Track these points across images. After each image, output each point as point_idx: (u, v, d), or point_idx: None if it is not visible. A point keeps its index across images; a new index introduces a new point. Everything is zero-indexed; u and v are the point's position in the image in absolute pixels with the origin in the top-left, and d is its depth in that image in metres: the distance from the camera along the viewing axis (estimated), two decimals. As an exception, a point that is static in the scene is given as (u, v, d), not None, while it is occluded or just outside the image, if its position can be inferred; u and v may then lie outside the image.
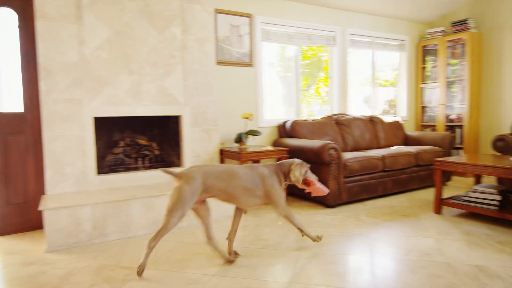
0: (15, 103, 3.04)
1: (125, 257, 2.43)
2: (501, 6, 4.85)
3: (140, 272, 2.08)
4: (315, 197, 3.68)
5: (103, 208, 2.74)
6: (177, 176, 2.11)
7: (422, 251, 2.41)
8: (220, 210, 3.27)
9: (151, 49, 3.29)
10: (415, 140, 4.85)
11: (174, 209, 2.06)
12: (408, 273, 2.10)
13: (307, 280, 2.03)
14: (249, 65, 4.08)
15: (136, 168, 3.45)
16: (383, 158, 3.86)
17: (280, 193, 2.34)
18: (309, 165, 2.47)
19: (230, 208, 3.26)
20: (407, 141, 4.97)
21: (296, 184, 2.37)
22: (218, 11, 3.84)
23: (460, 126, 5.15)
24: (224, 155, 3.73)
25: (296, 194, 4.09)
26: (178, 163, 3.58)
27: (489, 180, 4.57)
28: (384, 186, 3.92)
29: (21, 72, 3.01)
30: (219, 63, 3.89)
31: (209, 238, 2.28)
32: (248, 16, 4.03)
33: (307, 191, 2.46)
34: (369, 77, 5.36)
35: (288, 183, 2.42)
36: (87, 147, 3.05)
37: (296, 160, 2.41)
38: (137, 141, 3.58)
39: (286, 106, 4.66)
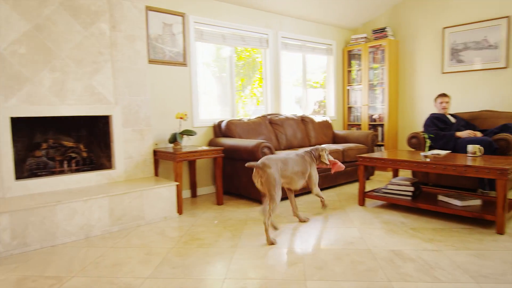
0: None
1: (49, 266, 2.27)
2: (414, 17, 5.40)
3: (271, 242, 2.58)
4: (252, 194, 3.78)
5: (24, 216, 2.54)
6: (259, 166, 2.64)
7: (347, 240, 2.61)
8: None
9: (76, 45, 3.12)
10: (343, 138, 5.20)
11: (276, 188, 2.60)
12: (333, 260, 2.26)
13: (241, 275, 2.09)
14: (183, 64, 4.05)
15: (61, 172, 3.24)
16: (313, 156, 4.08)
17: (317, 175, 3.07)
18: (329, 149, 3.82)
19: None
20: (335, 139, 5.30)
21: (324, 164, 3.05)
22: (150, 9, 3.75)
23: (382, 125, 5.63)
24: (158, 155, 3.65)
25: (231, 193, 4.15)
26: (108, 165, 3.43)
27: (406, 173, 5.07)
28: (315, 182, 4.15)
29: None
30: (152, 61, 3.80)
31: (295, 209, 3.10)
32: (181, 15, 3.99)
33: (331, 168, 3.16)
34: (301, 79, 5.62)
35: (318, 164, 3.08)
36: (3, 150, 2.79)
37: (321, 147, 3.10)
38: (62, 143, 3.35)
39: (222, 106, 4.70)
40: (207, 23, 4.26)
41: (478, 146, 3.32)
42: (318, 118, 5.23)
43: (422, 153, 3.30)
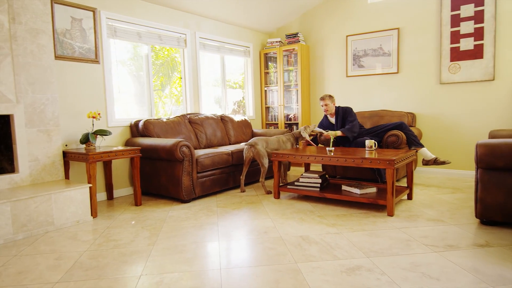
0: None
1: None
2: (322, 24, 5.89)
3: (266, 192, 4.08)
4: (172, 193, 3.78)
5: None
6: (251, 144, 4.02)
7: (261, 231, 2.80)
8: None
9: (-33, 37, 2.81)
10: (261, 136, 5.45)
11: (264, 158, 4.01)
12: (248, 249, 2.42)
13: (158, 270, 2.13)
14: (95, 61, 3.88)
15: (-50, 178, 2.89)
16: (232, 154, 4.23)
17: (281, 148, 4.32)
18: (314, 124, 4.69)
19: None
20: (254, 137, 5.53)
21: (307, 139, 4.25)
22: (56, 1, 3.53)
23: (297, 124, 6.03)
24: (68, 157, 3.46)
25: (151, 193, 4.10)
26: (10, 169, 3.16)
27: (318, 167, 5.51)
28: (234, 178, 4.31)
29: None
30: (59, 58, 3.58)
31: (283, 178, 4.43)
32: (92, 10, 3.82)
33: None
34: (220, 80, 5.74)
35: (302, 142, 4.46)
36: None
37: (303, 127, 4.29)
38: (-49, 146, 3.00)
39: (139, 105, 4.59)
40: (121, 20, 4.14)
41: (373, 141, 3.79)
42: (237, 118, 5.41)
43: (328, 148, 3.66)
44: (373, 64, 5.43)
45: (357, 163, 3.24)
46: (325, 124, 4.57)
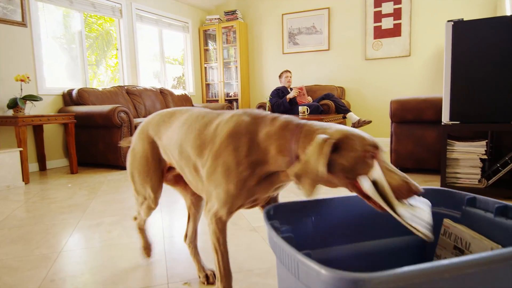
0: None
1: None
2: (259, 2, 6.07)
3: None
4: (110, 161, 3.74)
5: None
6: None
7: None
8: None
9: None
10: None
11: None
12: (188, 197, 2.54)
13: (98, 215, 2.17)
14: (22, 24, 3.66)
15: None
16: (172, 123, 4.27)
17: None
18: None
19: (7, 178, 2.92)
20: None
21: None
22: (-27, -44, 3.26)
23: (236, 100, 6.19)
24: (-6, 123, 3.26)
25: (88, 163, 4.00)
26: None
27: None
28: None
29: None
30: (-21, 17, 3.33)
31: None
32: (16, -31, 3.59)
33: None
34: (158, 54, 5.69)
35: None
36: None
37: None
38: None
39: (71, 79, 4.40)
40: (50, -17, 3.93)
41: (306, 107, 4.09)
42: (177, 92, 5.42)
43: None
44: (307, 42, 5.75)
45: (291, 123, 3.49)
46: (281, 94, 4.80)
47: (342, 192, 2.46)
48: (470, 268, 0.60)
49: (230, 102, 6.25)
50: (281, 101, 4.71)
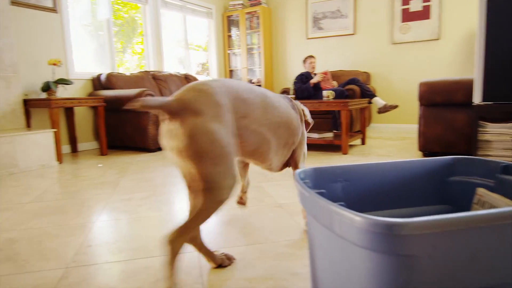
0: None
1: None
2: (283, -13, 6.00)
3: None
4: (138, 143, 3.84)
5: None
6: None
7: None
8: (30, 160, 3.04)
9: None
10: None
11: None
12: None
13: (128, 191, 2.25)
14: (53, 10, 3.78)
15: None
16: (197, 107, 4.33)
17: None
18: None
19: (42, 157, 3.07)
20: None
21: None
22: None
23: (260, 86, 6.19)
24: (29, 105, 3.41)
25: (116, 146, 4.12)
26: (-33, 115, 3.08)
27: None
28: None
29: None
30: (15, 3, 3.45)
31: None
32: (48, -44, 3.69)
33: None
34: (182, 40, 5.74)
35: None
36: None
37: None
38: None
39: (99, 65, 4.51)
40: (79, -30, 4.02)
41: (331, 91, 4.04)
42: (201, 78, 5.47)
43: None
44: (332, 26, 5.66)
45: (315, 106, 3.47)
46: (304, 80, 4.74)
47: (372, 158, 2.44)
48: (506, 219, 0.59)
49: (253, 89, 6.25)
50: (305, 86, 4.67)
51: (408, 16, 5.03)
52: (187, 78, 5.20)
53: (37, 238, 1.53)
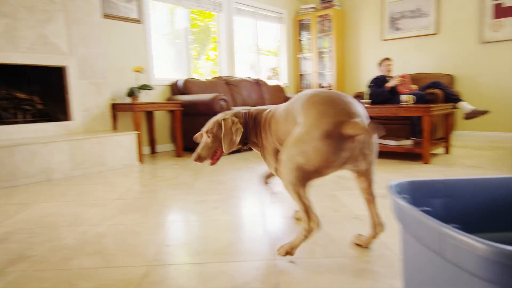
0: None
1: (14, 198, 2.33)
2: (358, -12, 5.79)
3: None
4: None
5: (-19, 156, 2.54)
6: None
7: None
8: (115, 160, 3.29)
9: (27, -8, 3.07)
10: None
11: None
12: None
13: (202, 193, 2.31)
14: (138, 21, 4.08)
15: (15, 123, 3.20)
16: (267, 112, 4.34)
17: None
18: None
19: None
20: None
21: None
22: (102, -37, 3.73)
23: (330, 89, 6.02)
24: (116, 109, 3.70)
25: (191, 149, 4.29)
26: (64, 118, 3.44)
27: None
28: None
29: None
30: (107, 16, 3.80)
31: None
32: (135, -29, 4.00)
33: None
34: (254, 46, 5.83)
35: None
36: (-47, 94, 2.73)
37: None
38: (15, 95, 3.30)
39: (177, 71, 4.77)
40: (161, -18, 4.29)
41: (411, 96, 3.77)
42: (271, 83, 5.49)
43: (361, 100, 3.68)
44: (410, 26, 5.30)
45: (394, 112, 3.26)
46: (379, 83, 4.49)
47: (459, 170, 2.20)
48: None
49: (324, 93, 6.11)
50: (380, 90, 4.42)
51: (501, 12, 4.51)
52: (258, 83, 5.26)
53: (122, 234, 1.63)
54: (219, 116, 1.57)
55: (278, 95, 5.48)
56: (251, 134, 1.59)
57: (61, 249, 1.49)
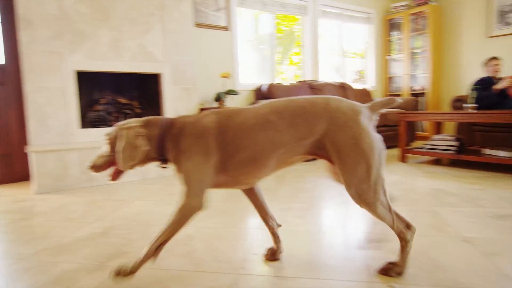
0: (-7, 56, 3.03)
1: (114, 194, 2.54)
2: (459, -19, 5.22)
3: None
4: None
5: (88, 154, 2.82)
6: None
7: (389, 182, 2.68)
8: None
9: (130, 6, 3.36)
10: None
11: None
12: (376, 194, 2.35)
13: (287, 201, 2.24)
14: (225, 28, 4.21)
15: (117, 125, 3.52)
16: (353, 117, 4.13)
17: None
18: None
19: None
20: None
21: None
22: (195, -25, 3.93)
23: (423, 94, 5.53)
24: (203, 113, 3.85)
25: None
26: (159, 121, 3.67)
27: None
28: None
29: (0, 23, 3.00)
30: (198, 25, 3.99)
31: None
32: (224, -19, 4.15)
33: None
34: (339, 48, 5.62)
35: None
36: (70, 99, 3.09)
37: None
38: (118, 100, 3.64)
39: (260, 75, 4.81)
40: (249, -11, 4.38)
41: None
42: (357, 86, 5.24)
43: (465, 105, 3.27)
44: (526, 20, 4.60)
45: (507, 118, 2.82)
46: (485, 85, 4.00)
47: None
48: None
49: (416, 97, 5.63)
50: (486, 93, 3.89)
51: None
52: (343, 87, 5.05)
53: (209, 238, 1.64)
54: (124, 123, 1.24)
55: (364, 99, 5.19)
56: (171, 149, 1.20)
57: (154, 248, 1.54)
